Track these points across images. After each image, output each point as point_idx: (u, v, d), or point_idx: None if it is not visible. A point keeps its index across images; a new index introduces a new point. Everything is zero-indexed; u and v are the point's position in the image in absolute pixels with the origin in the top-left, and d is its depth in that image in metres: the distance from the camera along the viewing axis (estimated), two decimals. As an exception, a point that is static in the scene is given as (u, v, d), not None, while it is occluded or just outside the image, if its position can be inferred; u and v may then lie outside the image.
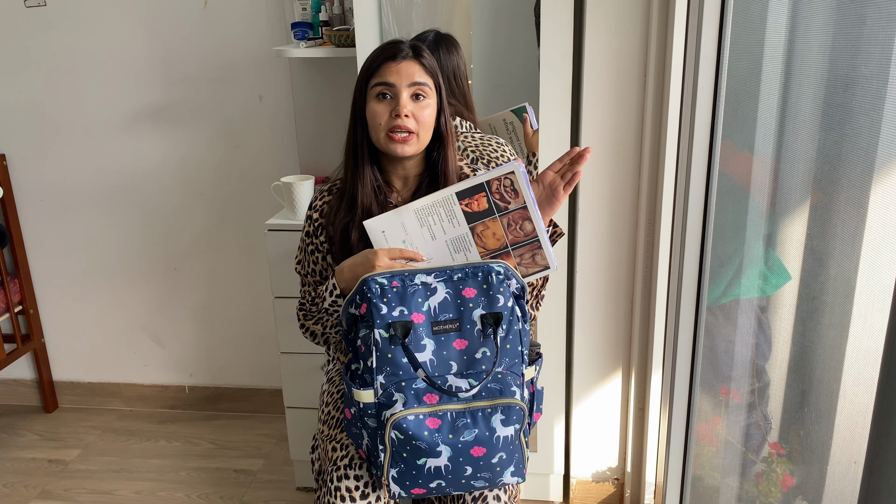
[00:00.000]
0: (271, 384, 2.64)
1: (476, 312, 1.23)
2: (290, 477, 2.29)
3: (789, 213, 1.35)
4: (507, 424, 1.19)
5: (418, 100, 1.32)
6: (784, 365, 1.39)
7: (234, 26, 2.26)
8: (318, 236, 1.44)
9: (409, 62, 1.32)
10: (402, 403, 1.17)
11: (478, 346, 1.22)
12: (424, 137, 1.34)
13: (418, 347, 1.20)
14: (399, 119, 1.30)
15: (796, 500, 1.39)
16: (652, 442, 1.91)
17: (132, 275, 2.57)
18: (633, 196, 1.81)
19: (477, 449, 1.17)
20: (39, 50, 2.36)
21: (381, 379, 1.19)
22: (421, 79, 1.32)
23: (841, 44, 1.10)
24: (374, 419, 1.21)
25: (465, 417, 1.18)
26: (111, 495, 2.24)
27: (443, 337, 1.22)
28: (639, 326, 1.87)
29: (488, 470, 1.20)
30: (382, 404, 1.19)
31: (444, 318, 1.22)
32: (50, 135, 2.45)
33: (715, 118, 1.51)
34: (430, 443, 1.16)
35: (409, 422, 1.16)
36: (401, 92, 1.31)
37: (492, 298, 1.23)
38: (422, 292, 1.22)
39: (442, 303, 1.23)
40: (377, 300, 1.20)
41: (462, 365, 1.21)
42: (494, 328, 1.22)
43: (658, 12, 1.64)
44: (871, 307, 1.03)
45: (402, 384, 1.19)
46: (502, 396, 1.19)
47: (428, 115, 1.33)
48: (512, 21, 2.01)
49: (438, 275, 1.24)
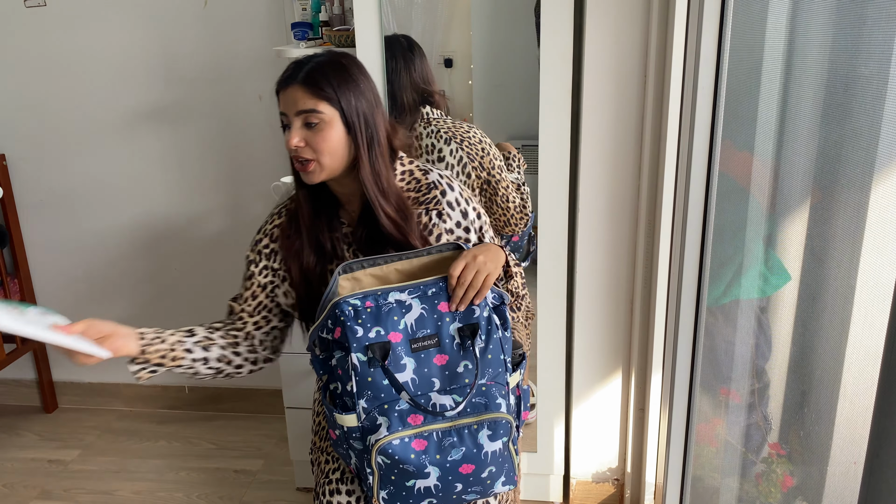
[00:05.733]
0: (271, 385, 2.63)
1: (452, 326, 1.19)
2: (289, 477, 2.29)
3: (789, 213, 1.35)
4: (494, 440, 1.16)
5: (312, 128, 1.24)
6: (784, 365, 1.39)
7: (235, 26, 2.26)
8: (270, 259, 1.37)
9: (294, 88, 1.23)
10: (386, 427, 1.14)
11: (458, 360, 1.18)
12: (331, 162, 1.26)
13: (398, 367, 1.16)
14: (293, 151, 1.25)
15: (796, 500, 1.39)
16: (652, 442, 1.91)
17: (132, 275, 2.57)
18: (633, 196, 1.81)
19: (465, 466, 1.15)
20: (39, 50, 2.36)
21: (363, 403, 1.15)
22: (307, 106, 1.23)
23: (841, 44, 1.10)
24: (360, 441, 1.18)
25: (452, 436, 1.15)
26: (111, 495, 2.24)
27: (423, 354, 1.17)
28: (639, 327, 1.87)
29: (479, 484, 1.18)
30: (366, 428, 1.15)
31: (422, 335, 1.18)
32: (50, 135, 2.45)
33: (715, 118, 1.51)
34: (418, 465, 1.14)
35: (394, 446, 1.13)
36: (291, 121, 1.24)
37: (467, 310, 1.19)
38: (397, 310, 1.17)
39: (418, 319, 1.18)
40: (352, 322, 1.15)
41: (444, 381, 1.18)
42: (472, 339, 1.18)
43: (658, 12, 1.64)
44: (872, 307, 1.03)
45: (384, 407, 1.15)
46: (487, 411, 1.17)
47: (328, 141, 1.24)
48: (512, 21, 2.01)
49: (412, 291, 1.19)
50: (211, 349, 1.33)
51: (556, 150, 1.78)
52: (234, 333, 1.37)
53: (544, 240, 1.86)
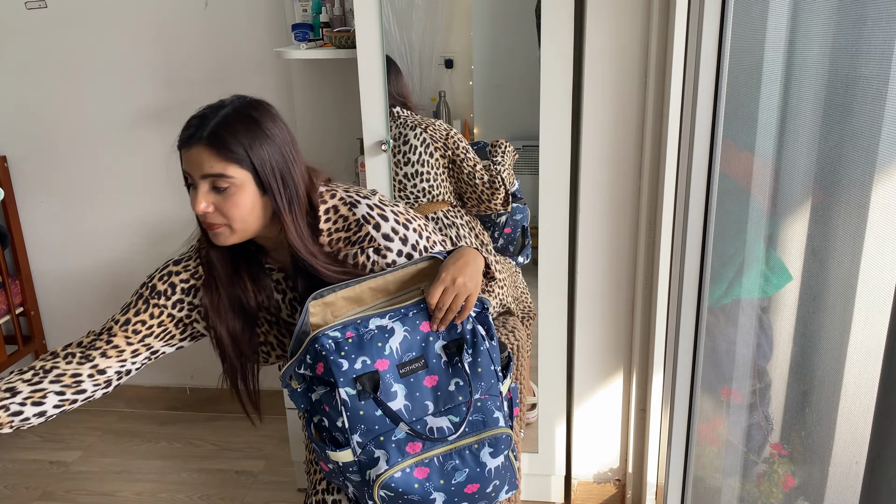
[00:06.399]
0: (272, 386, 2.63)
1: (437, 344, 1.15)
2: (291, 478, 2.29)
3: (790, 213, 1.35)
4: (496, 455, 1.14)
5: (221, 192, 1.12)
6: (785, 365, 1.39)
7: (235, 28, 2.27)
8: (189, 295, 1.28)
9: (199, 149, 1.11)
10: (385, 461, 1.09)
11: (448, 378, 1.15)
12: (244, 227, 1.16)
13: (389, 396, 1.10)
14: (198, 214, 1.15)
15: (798, 500, 1.39)
16: (653, 443, 1.91)
17: (133, 276, 2.57)
18: (633, 197, 1.81)
19: (471, 486, 1.13)
20: (40, 51, 2.36)
21: (357, 438, 1.09)
22: (214, 170, 1.10)
23: (841, 44, 1.10)
24: (357, 475, 1.12)
25: (454, 459, 1.12)
26: (112, 497, 2.24)
27: (412, 378, 1.12)
28: (640, 327, 1.87)
29: (484, 499, 1.16)
30: (364, 463, 1.10)
31: (408, 358, 1.13)
32: (51, 136, 2.45)
33: (715, 118, 1.51)
34: (423, 494, 1.10)
35: (396, 479, 1.09)
36: (197, 183, 1.13)
37: (450, 326, 1.16)
38: (379, 336, 1.12)
39: (402, 342, 1.13)
40: (335, 356, 1.08)
41: (437, 402, 1.14)
42: (459, 355, 1.14)
43: (658, 12, 1.64)
44: (873, 307, 1.03)
45: (380, 439, 1.10)
46: (486, 428, 1.14)
47: (240, 206, 1.13)
48: (512, 22, 2.01)
49: (392, 315, 1.14)
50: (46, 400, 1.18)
51: (557, 151, 1.78)
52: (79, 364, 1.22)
53: (545, 240, 1.86)
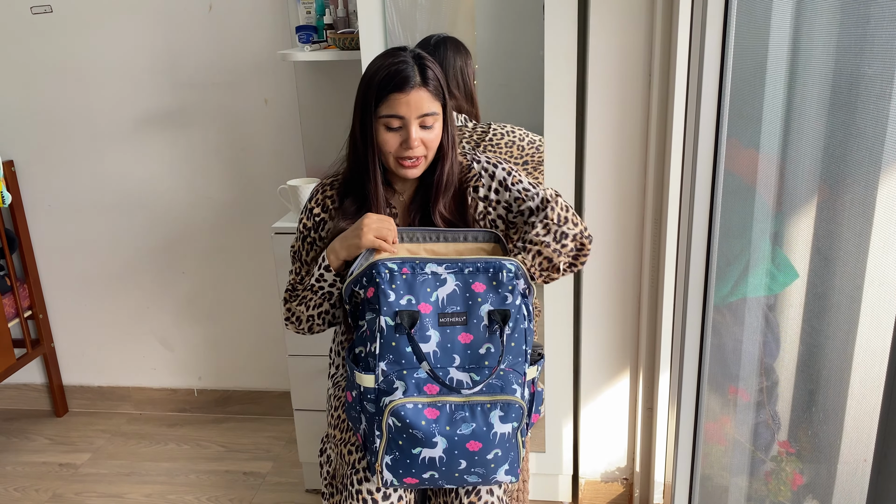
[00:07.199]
0: (279, 387, 2.64)
1: (484, 308, 1.22)
2: (299, 479, 2.30)
3: (796, 211, 1.35)
4: (505, 421, 1.18)
5: (425, 129, 1.31)
6: (792, 363, 1.38)
7: (239, 30, 2.27)
8: (318, 230, 1.42)
9: (418, 91, 1.28)
10: (402, 391, 1.17)
11: (482, 341, 1.21)
12: (431, 157, 1.35)
13: (423, 338, 1.20)
14: (410, 150, 1.30)
15: (806, 498, 1.38)
16: (660, 441, 1.91)
17: (140, 279, 2.58)
18: (639, 195, 1.81)
19: (473, 443, 1.17)
20: (46, 56, 2.38)
21: (384, 366, 1.19)
22: (430, 109, 1.30)
23: (845, 42, 1.10)
24: (373, 404, 1.20)
25: (464, 411, 1.17)
26: (121, 499, 2.25)
27: (448, 329, 1.21)
28: (646, 326, 1.87)
29: (482, 465, 1.19)
30: (382, 390, 1.18)
31: (451, 311, 1.21)
32: (57, 140, 2.46)
33: (720, 116, 1.51)
34: (427, 432, 1.15)
35: (407, 410, 1.15)
36: (410, 124, 1.29)
37: (501, 295, 1.22)
38: (431, 282, 1.22)
39: (450, 295, 1.22)
40: (385, 286, 1.20)
41: (465, 359, 1.21)
42: (501, 326, 1.21)
43: (662, 11, 1.64)
44: (879, 305, 1.03)
45: (403, 373, 1.18)
46: (503, 393, 1.19)
47: (436, 137, 1.33)
48: (516, 22, 2.01)
49: (449, 266, 1.23)
50: None
51: (562, 150, 1.78)
52: None
53: (550, 240, 1.85)
